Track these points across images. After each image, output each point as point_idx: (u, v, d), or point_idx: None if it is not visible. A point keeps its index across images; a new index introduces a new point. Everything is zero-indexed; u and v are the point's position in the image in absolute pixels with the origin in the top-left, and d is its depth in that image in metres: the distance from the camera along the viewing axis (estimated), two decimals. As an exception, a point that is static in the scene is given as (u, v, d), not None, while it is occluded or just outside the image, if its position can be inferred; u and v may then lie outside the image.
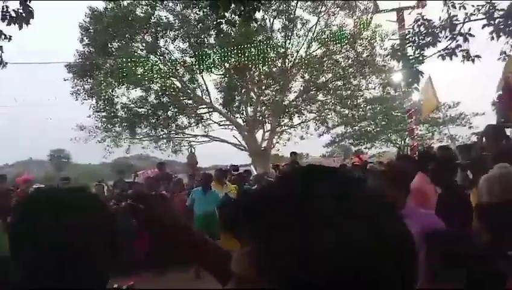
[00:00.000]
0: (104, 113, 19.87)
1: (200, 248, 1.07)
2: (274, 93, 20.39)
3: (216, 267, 1.05)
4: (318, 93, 20.87)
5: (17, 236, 0.94)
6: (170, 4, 18.67)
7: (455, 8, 8.12)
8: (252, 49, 17.41)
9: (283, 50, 19.03)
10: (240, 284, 0.58)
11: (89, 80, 19.16)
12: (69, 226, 0.91)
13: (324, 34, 18.86)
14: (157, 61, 18.67)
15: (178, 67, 19.26)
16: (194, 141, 20.70)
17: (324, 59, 19.53)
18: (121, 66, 17.28)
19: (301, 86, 20.83)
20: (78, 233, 0.91)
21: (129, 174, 17.47)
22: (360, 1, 18.71)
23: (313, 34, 19.35)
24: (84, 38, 18.78)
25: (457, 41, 8.09)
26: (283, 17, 18.88)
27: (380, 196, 0.57)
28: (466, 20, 8.00)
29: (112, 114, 19.76)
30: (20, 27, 5.65)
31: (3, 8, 5.61)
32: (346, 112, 21.14)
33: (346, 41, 18.44)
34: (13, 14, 5.61)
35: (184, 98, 20.43)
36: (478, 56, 8.30)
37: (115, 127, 20.15)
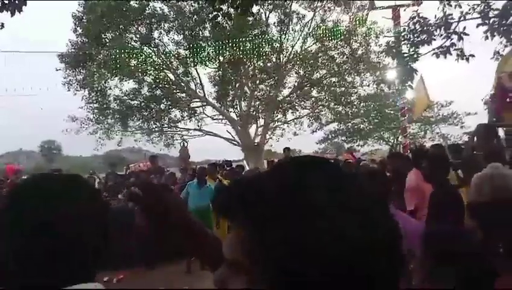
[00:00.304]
0: (96, 105, 19.71)
1: (200, 238, 1.06)
2: (268, 88, 20.36)
3: (214, 260, 1.04)
4: (312, 89, 20.87)
5: (5, 224, 0.90)
6: (165, -5, 18.50)
7: (451, 6, 8.14)
8: (247, 43, 17.33)
9: (278, 45, 18.97)
10: (231, 271, 0.57)
11: (81, 71, 18.96)
12: (60, 214, 0.88)
13: (319, 29, 18.81)
14: (151, 53, 18.49)
15: (172, 60, 19.12)
16: (186, 135, 20.63)
17: (319, 55, 19.52)
18: (114, 57, 17.11)
19: (295, 81, 20.81)
20: (69, 221, 0.88)
21: (121, 167, 17.39)
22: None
23: (309, 29, 19.29)
24: (78, 28, 18.54)
25: (451, 40, 8.12)
26: (279, 11, 18.79)
27: (373, 190, 0.57)
28: (461, 19, 8.03)
29: (104, 106, 19.60)
30: (12, 14, 5.55)
31: (-6, -5, 5.51)
32: (340, 108, 21.17)
33: (341, 38, 18.41)
34: (5, 1, 5.51)
35: (177, 91, 20.33)
36: (472, 55, 8.34)
37: (107, 119, 20.00)
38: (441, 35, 8.23)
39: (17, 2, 5.55)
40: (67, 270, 0.88)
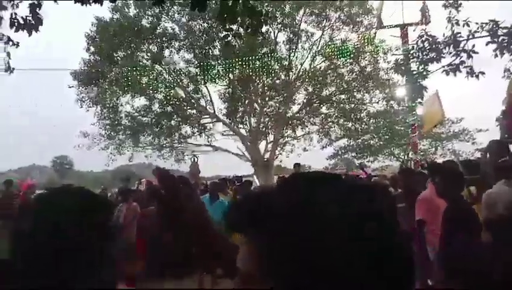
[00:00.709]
0: (108, 121, 19.99)
1: (216, 239, 1.07)
2: (277, 104, 20.46)
3: (231, 267, 1.05)
4: (321, 106, 20.93)
5: (18, 230, 0.96)
6: (176, 15, 18.87)
7: (459, 25, 8.19)
8: (257, 61, 17.52)
9: (287, 62, 19.14)
10: (245, 283, 0.59)
11: (93, 88, 19.32)
12: (65, 224, 0.92)
13: (328, 47, 18.97)
14: (161, 71, 18.81)
15: (182, 78, 19.39)
16: (196, 151, 20.72)
17: (328, 72, 19.63)
18: (126, 75, 17.43)
19: (304, 98, 20.90)
20: (72, 231, 0.92)
21: (133, 182, 17.49)
22: (364, 16, 18.88)
23: (317, 47, 19.48)
24: (90, 47, 18.96)
25: (461, 57, 8.16)
26: (288, 30, 19.03)
27: (382, 206, 0.57)
28: (470, 37, 8.06)
29: (116, 122, 19.87)
30: (30, 34, 5.71)
31: (11, 15, 5.69)
32: (350, 125, 21.14)
33: (350, 55, 18.53)
34: (21, 21, 5.68)
35: (188, 107, 20.54)
36: (482, 72, 8.35)
37: (118, 134, 20.26)
38: (450, 53, 8.29)
39: (33, 22, 5.72)
40: (74, 268, 0.91)
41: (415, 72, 9.77)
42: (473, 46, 8.19)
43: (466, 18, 8.09)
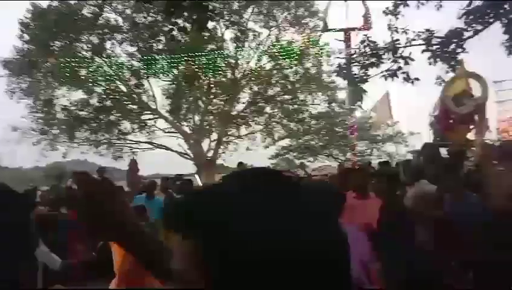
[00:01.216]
0: (41, 114, 18.79)
1: (141, 237, 0.99)
2: (222, 103, 20.37)
3: (143, 252, 0.99)
4: (266, 105, 21.14)
5: None
6: (119, 7, 18.14)
7: (398, 32, 8.65)
8: (202, 58, 17.32)
9: (233, 61, 19.12)
10: (181, 282, 0.57)
11: (26, 79, 18.07)
12: None
13: (274, 48, 19.19)
14: (102, 64, 17.99)
15: (124, 71, 18.68)
16: (136, 148, 20.10)
17: (274, 72, 19.86)
18: (63, 66, 16.47)
19: (249, 97, 21.00)
20: None
21: (66, 180, 16.60)
22: (309, 19, 19.32)
23: (264, 47, 19.64)
24: (24, 34, 17.70)
25: (399, 63, 8.62)
26: (235, 28, 19.00)
27: (320, 201, 0.58)
28: (407, 44, 8.54)
29: (50, 116, 18.71)
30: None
31: None
32: (292, 125, 21.55)
33: (295, 57, 18.88)
34: None
35: (129, 102, 19.83)
36: (417, 78, 8.88)
37: (52, 129, 19.11)
38: (389, 59, 8.73)
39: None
40: None
41: (355, 76, 10.15)
42: (410, 53, 8.69)
43: (405, 26, 8.56)
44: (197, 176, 15.81)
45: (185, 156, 20.51)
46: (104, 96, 18.84)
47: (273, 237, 0.50)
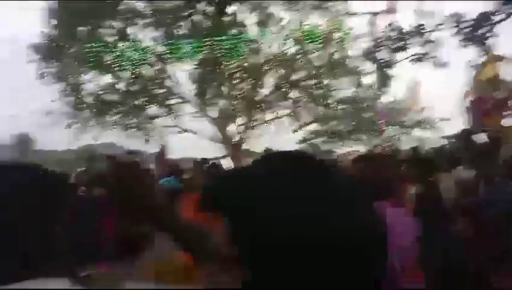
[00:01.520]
0: (70, 98, 19.24)
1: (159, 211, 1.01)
2: (247, 87, 20.26)
3: (175, 234, 1.00)
4: (290, 90, 20.87)
5: None
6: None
7: (425, 17, 8.28)
8: (225, 42, 17.20)
9: (257, 45, 18.88)
10: (217, 263, 0.59)
11: (55, 63, 18.49)
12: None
13: (298, 32, 18.81)
14: (126, 49, 18.16)
15: (149, 56, 18.82)
16: (164, 132, 20.37)
17: (298, 56, 19.51)
18: (89, 52, 16.75)
19: (274, 82, 20.78)
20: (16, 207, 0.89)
21: (97, 162, 16.97)
22: (334, 1, 18.75)
23: (287, 31, 19.27)
24: (52, 20, 18.03)
25: (426, 48, 8.27)
26: (258, 12, 18.68)
27: (352, 184, 0.58)
28: (435, 28, 8.17)
29: (79, 100, 19.15)
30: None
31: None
32: (318, 110, 21.25)
33: (319, 41, 18.45)
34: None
35: (155, 87, 20.03)
36: (446, 63, 8.52)
37: (82, 113, 19.55)
38: (416, 43, 8.38)
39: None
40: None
41: (382, 61, 9.88)
42: (438, 37, 8.33)
43: (432, 10, 8.19)
44: (223, 160, 15.91)
45: (212, 140, 20.64)
46: (131, 81, 19.06)
47: (300, 221, 0.50)
